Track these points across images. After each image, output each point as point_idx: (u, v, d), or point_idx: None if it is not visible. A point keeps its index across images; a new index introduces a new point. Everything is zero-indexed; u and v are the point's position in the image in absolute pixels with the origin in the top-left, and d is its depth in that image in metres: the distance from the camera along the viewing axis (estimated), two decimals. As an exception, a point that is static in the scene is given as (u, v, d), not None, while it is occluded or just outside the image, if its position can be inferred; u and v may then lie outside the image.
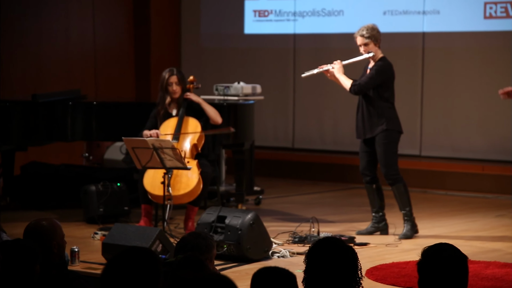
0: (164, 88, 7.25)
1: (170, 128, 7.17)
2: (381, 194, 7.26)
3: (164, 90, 7.25)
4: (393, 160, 7.08)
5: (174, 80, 7.23)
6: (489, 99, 9.94)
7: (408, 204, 7.13)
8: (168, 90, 7.23)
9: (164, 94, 7.25)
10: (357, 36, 7.10)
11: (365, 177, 7.24)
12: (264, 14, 11.43)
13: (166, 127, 7.20)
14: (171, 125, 7.19)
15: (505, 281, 5.61)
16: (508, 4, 9.75)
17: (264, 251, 6.30)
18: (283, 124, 11.37)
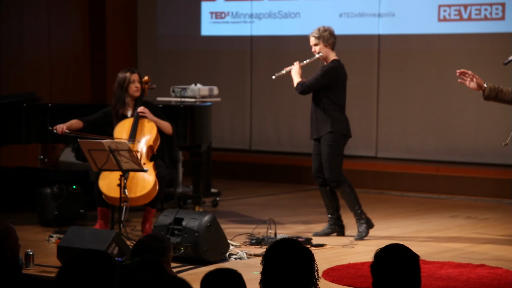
0: (124, 88, 7.18)
1: (125, 129, 7.13)
2: (335, 195, 7.30)
3: (123, 90, 7.18)
4: (336, 163, 7.10)
5: (136, 78, 7.18)
6: (443, 101, 10.06)
7: (356, 203, 7.16)
8: (128, 89, 7.17)
9: (122, 93, 7.18)
10: (310, 37, 7.17)
11: (317, 179, 7.27)
12: (221, 16, 11.42)
13: (122, 128, 7.15)
14: (126, 126, 7.15)
15: (459, 281, 5.68)
16: (462, 7, 9.88)
17: (221, 253, 6.30)
18: (240, 126, 11.38)
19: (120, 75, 7.23)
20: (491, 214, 8.52)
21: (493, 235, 7.44)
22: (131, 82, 7.15)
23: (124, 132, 7.11)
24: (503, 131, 9.68)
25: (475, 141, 9.87)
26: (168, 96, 8.89)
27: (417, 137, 10.22)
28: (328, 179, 7.13)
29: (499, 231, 7.61)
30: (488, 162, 9.76)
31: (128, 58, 11.87)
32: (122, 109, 7.21)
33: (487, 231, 7.60)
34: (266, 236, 6.85)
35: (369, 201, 8.43)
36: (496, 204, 9.11)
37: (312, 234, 7.21)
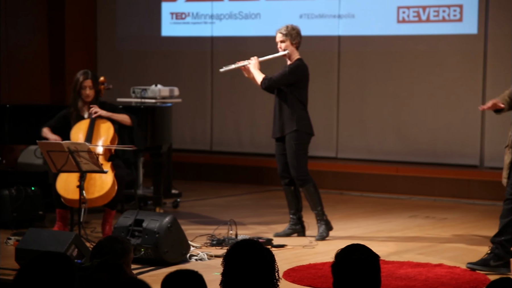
0: (77, 91, 7.13)
1: (82, 131, 7.08)
2: (299, 196, 7.33)
3: (76, 93, 7.14)
4: (302, 162, 7.13)
5: (89, 84, 7.11)
6: (403, 102, 10.14)
7: (319, 204, 7.19)
8: (81, 94, 7.13)
9: (76, 96, 7.14)
10: (277, 33, 7.18)
11: (283, 179, 7.29)
12: (182, 17, 11.40)
13: (78, 129, 7.10)
14: (83, 127, 7.10)
15: (418, 281, 5.73)
16: (420, 9, 9.97)
17: (182, 254, 6.28)
18: (201, 126, 11.36)
19: (76, 76, 7.18)
20: (449, 214, 8.61)
21: (451, 234, 7.53)
22: (82, 88, 7.11)
23: (80, 133, 7.07)
24: (461, 131, 9.80)
25: (433, 141, 9.97)
26: (128, 97, 8.84)
27: (376, 138, 10.30)
28: (295, 177, 7.15)
29: (457, 231, 7.70)
30: (446, 163, 9.87)
31: (87, 59, 11.79)
32: (78, 111, 7.17)
33: (445, 231, 7.69)
34: (227, 237, 6.85)
35: (329, 202, 8.46)
36: (454, 204, 9.21)
37: (273, 235, 7.23)
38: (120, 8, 11.78)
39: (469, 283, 5.70)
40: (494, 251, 5.99)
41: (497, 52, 9.53)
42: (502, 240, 5.95)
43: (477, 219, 8.25)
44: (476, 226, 7.84)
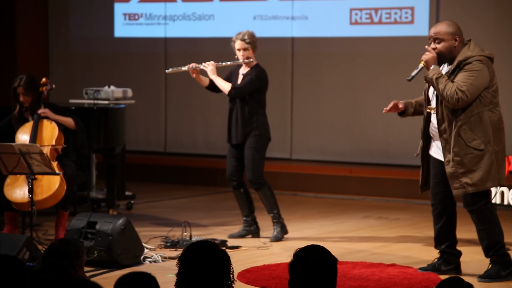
0: (15, 96, 7.09)
1: (26, 132, 7.02)
2: (250, 197, 7.35)
3: (14, 98, 7.10)
4: (260, 165, 7.17)
5: (21, 91, 7.04)
6: (356, 104, 10.22)
7: (275, 207, 7.23)
8: (19, 98, 7.07)
9: (15, 102, 7.10)
10: (236, 40, 7.16)
11: (232, 182, 7.30)
12: (135, 18, 11.34)
13: (22, 131, 7.04)
14: (27, 129, 7.04)
15: (371, 281, 5.78)
16: (373, 11, 10.06)
17: (136, 256, 6.25)
18: (155, 128, 11.31)
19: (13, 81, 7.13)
20: (401, 214, 8.70)
21: (404, 235, 7.60)
22: (17, 95, 7.06)
23: (25, 135, 7.00)
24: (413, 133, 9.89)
25: (386, 143, 10.06)
26: (81, 98, 8.78)
27: (330, 139, 10.36)
28: (251, 181, 7.17)
29: (410, 231, 7.78)
30: (399, 164, 9.96)
31: (39, 60, 11.66)
32: (21, 114, 7.11)
33: (398, 231, 7.76)
34: (181, 238, 6.83)
35: (283, 203, 8.48)
36: (406, 205, 9.31)
37: (228, 236, 7.23)
38: (72, 8, 11.68)
39: (421, 282, 5.77)
40: (442, 256, 6.07)
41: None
42: (445, 248, 6.04)
43: (428, 219, 8.30)
44: (428, 227, 7.92)
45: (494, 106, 5.77)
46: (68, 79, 11.27)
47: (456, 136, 5.71)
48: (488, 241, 5.85)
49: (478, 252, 6.76)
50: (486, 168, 5.72)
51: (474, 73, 5.69)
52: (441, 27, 5.85)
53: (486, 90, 5.73)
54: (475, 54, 5.74)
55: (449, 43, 5.80)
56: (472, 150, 5.72)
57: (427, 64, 5.80)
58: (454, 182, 5.77)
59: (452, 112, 5.74)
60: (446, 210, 5.98)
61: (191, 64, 7.23)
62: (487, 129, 5.73)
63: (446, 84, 5.68)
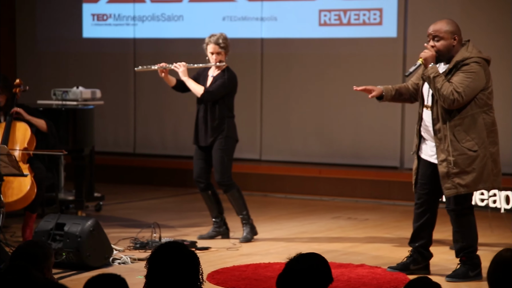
0: None
1: (-2, 133, 6.96)
2: (218, 198, 7.34)
3: None
4: (228, 167, 7.17)
5: None
6: (325, 104, 10.25)
7: (244, 208, 7.24)
8: None
9: None
10: (210, 43, 7.14)
11: (199, 185, 7.29)
12: (103, 18, 11.28)
13: (-7, 132, 6.98)
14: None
15: (340, 281, 5.81)
16: (341, 12, 10.10)
17: (105, 258, 6.22)
18: (124, 129, 11.27)
19: None
20: (370, 215, 8.74)
21: (373, 235, 7.64)
22: None
23: (-4, 136, 6.95)
24: (382, 134, 9.96)
25: (355, 144, 10.10)
26: (49, 99, 8.72)
27: (300, 140, 10.38)
28: (219, 183, 7.16)
29: (379, 231, 7.82)
30: (368, 164, 10.01)
31: (7, 61, 11.56)
32: None
33: (367, 232, 7.80)
34: (151, 240, 6.81)
35: (253, 204, 8.48)
36: (375, 205, 9.36)
37: (197, 237, 7.22)
38: (40, 9, 11.59)
39: (389, 282, 5.80)
40: (413, 255, 6.11)
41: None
42: (418, 246, 6.07)
43: (397, 219, 8.40)
44: (397, 227, 7.98)
45: (488, 109, 5.79)
46: (36, 80, 11.18)
47: (451, 136, 5.72)
48: (462, 243, 5.88)
49: (446, 252, 6.82)
50: (479, 170, 5.75)
51: (471, 75, 5.70)
52: (441, 25, 5.82)
53: (482, 92, 5.75)
54: (473, 56, 5.74)
55: (448, 42, 5.80)
56: (466, 151, 5.73)
57: (425, 61, 5.79)
58: (446, 182, 5.77)
59: (447, 112, 5.74)
60: (428, 210, 6.00)
61: (161, 64, 7.20)
62: (481, 131, 5.75)
63: (443, 84, 5.67)
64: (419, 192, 6.00)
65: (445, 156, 5.74)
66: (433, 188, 5.91)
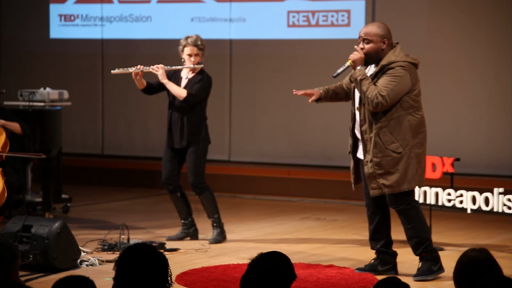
0: None
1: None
2: (187, 200, 7.33)
3: None
4: (202, 170, 7.18)
5: None
6: (294, 106, 10.27)
7: (216, 211, 7.24)
8: None
9: None
10: (188, 45, 7.12)
11: (168, 187, 7.26)
12: (70, 19, 11.21)
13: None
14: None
15: (309, 282, 5.82)
16: (310, 13, 10.13)
17: (72, 260, 6.19)
18: (92, 130, 11.21)
19: None
20: (339, 215, 8.78)
21: (341, 236, 7.67)
22: None
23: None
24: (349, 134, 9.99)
25: (324, 144, 10.14)
26: (16, 100, 8.64)
27: (269, 141, 10.39)
28: (193, 185, 7.15)
29: (347, 232, 7.85)
30: (336, 165, 10.05)
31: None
32: None
33: (335, 232, 7.83)
34: (119, 241, 6.78)
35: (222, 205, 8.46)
36: (344, 206, 9.39)
37: (166, 239, 7.20)
38: (5, 9, 11.49)
39: (358, 283, 5.83)
40: (379, 256, 6.15)
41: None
42: (379, 248, 6.12)
43: (365, 220, 8.35)
44: (365, 227, 7.98)
45: (414, 110, 5.87)
46: (3, 81, 11.07)
47: (376, 138, 5.83)
48: (416, 239, 5.97)
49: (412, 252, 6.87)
50: (402, 171, 5.84)
51: (395, 79, 5.79)
52: (372, 28, 5.92)
53: (407, 94, 5.85)
54: (399, 60, 5.83)
55: (377, 45, 5.88)
56: (390, 153, 5.83)
57: (354, 63, 5.91)
58: (371, 183, 5.90)
59: (373, 114, 5.85)
60: (379, 210, 6.08)
61: (138, 66, 7.14)
62: (406, 132, 5.84)
63: (369, 87, 5.79)
64: (366, 192, 6.09)
65: (371, 157, 5.86)
66: None
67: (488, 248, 3.70)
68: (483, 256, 3.46)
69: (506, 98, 9.40)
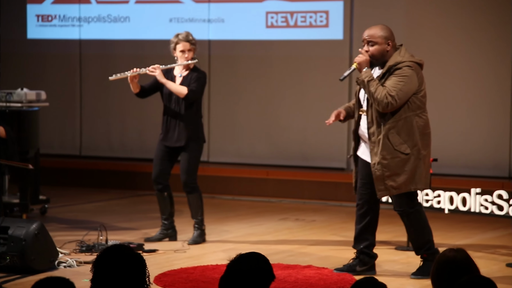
0: None
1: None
2: (172, 201, 7.31)
3: None
4: (196, 169, 7.19)
5: None
6: (273, 106, 10.28)
7: (201, 213, 7.24)
8: None
9: None
10: (180, 41, 7.11)
11: (157, 186, 7.25)
12: (48, 19, 11.15)
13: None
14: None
15: (288, 282, 5.83)
16: (288, 14, 10.15)
17: (50, 261, 6.16)
18: (70, 131, 11.15)
19: None
20: (317, 216, 8.79)
21: (320, 236, 7.69)
22: None
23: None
24: (329, 135, 10.02)
25: (302, 145, 10.15)
26: (-7, 100, 8.58)
27: (247, 142, 10.40)
28: (185, 183, 7.15)
29: (325, 232, 7.87)
30: (315, 166, 10.07)
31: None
32: None
33: (314, 233, 7.84)
34: (97, 243, 6.76)
35: (200, 206, 8.48)
36: (322, 206, 9.41)
37: (144, 240, 7.18)
38: (-16, 9, 11.42)
39: (336, 283, 5.84)
40: (358, 256, 6.17)
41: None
42: (362, 248, 6.14)
43: (343, 220, 8.46)
44: (343, 228, 8.04)
45: (421, 112, 5.92)
46: (-20, 81, 11.01)
47: (384, 140, 5.84)
48: (418, 240, 6.02)
49: (392, 253, 6.90)
50: (410, 171, 5.86)
51: (404, 79, 5.82)
52: (376, 31, 5.94)
53: (415, 95, 5.87)
54: (405, 60, 5.87)
55: (382, 47, 5.91)
56: (398, 154, 5.85)
57: (360, 66, 5.90)
58: (379, 185, 5.90)
59: (381, 116, 5.86)
60: (370, 211, 6.08)
61: (135, 69, 7.09)
62: (413, 133, 5.87)
63: (377, 88, 5.79)
64: (361, 192, 6.09)
65: (379, 159, 5.87)
66: (374, 188, 5.99)
67: (466, 248, 3.72)
68: (460, 256, 3.48)
69: (484, 99, 9.47)
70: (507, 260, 6.60)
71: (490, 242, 7.41)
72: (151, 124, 10.57)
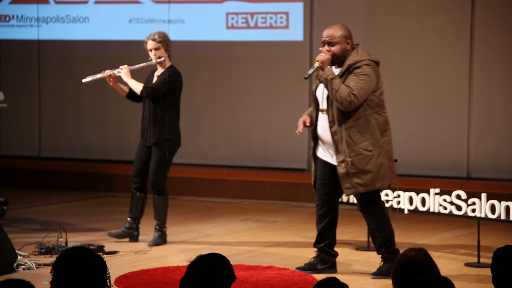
0: None
1: None
2: (144, 204, 7.29)
3: None
4: (165, 172, 7.17)
5: None
6: (234, 107, 10.29)
7: (164, 217, 7.23)
8: None
9: None
10: (148, 40, 7.14)
11: (134, 184, 7.24)
12: (6, 19, 11.03)
13: None
14: None
15: (249, 283, 5.83)
16: (249, 15, 10.15)
17: (8, 264, 6.09)
18: (29, 132, 11.04)
19: None
20: (279, 217, 8.81)
21: (281, 237, 7.70)
22: None
23: None
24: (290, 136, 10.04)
25: (264, 146, 10.17)
26: (-50, 101, 8.47)
27: (208, 143, 10.38)
28: (153, 185, 7.13)
29: (287, 233, 7.89)
30: (276, 167, 10.09)
31: None
32: None
33: (275, 234, 7.86)
34: (57, 245, 6.70)
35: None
36: (284, 207, 9.43)
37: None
38: None
39: (297, 284, 5.86)
40: (319, 255, 6.21)
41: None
42: (323, 247, 6.19)
43: (305, 221, 8.49)
44: (304, 228, 8.07)
45: (380, 109, 6.01)
46: None
47: (347, 138, 5.89)
48: (380, 239, 6.07)
49: (352, 253, 6.95)
50: (375, 168, 5.96)
51: (364, 77, 5.91)
52: (335, 31, 6.01)
53: (373, 93, 5.97)
54: (364, 59, 5.96)
55: (342, 46, 5.99)
56: (361, 151, 5.93)
57: (322, 64, 5.96)
58: (345, 182, 5.95)
59: (342, 115, 5.93)
60: (330, 211, 6.14)
61: (105, 71, 7.10)
62: (374, 131, 5.95)
63: (340, 86, 5.86)
64: (320, 192, 6.14)
65: (343, 157, 5.94)
66: (334, 188, 6.06)
67: (426, 247, 3.75)
68: (421, 255, 3.51)
69: (443, 100, 9.56)
70: (465, 260, 6.68)
71: (449, 241, 7.49)
72: (111, 125, 10.51)
